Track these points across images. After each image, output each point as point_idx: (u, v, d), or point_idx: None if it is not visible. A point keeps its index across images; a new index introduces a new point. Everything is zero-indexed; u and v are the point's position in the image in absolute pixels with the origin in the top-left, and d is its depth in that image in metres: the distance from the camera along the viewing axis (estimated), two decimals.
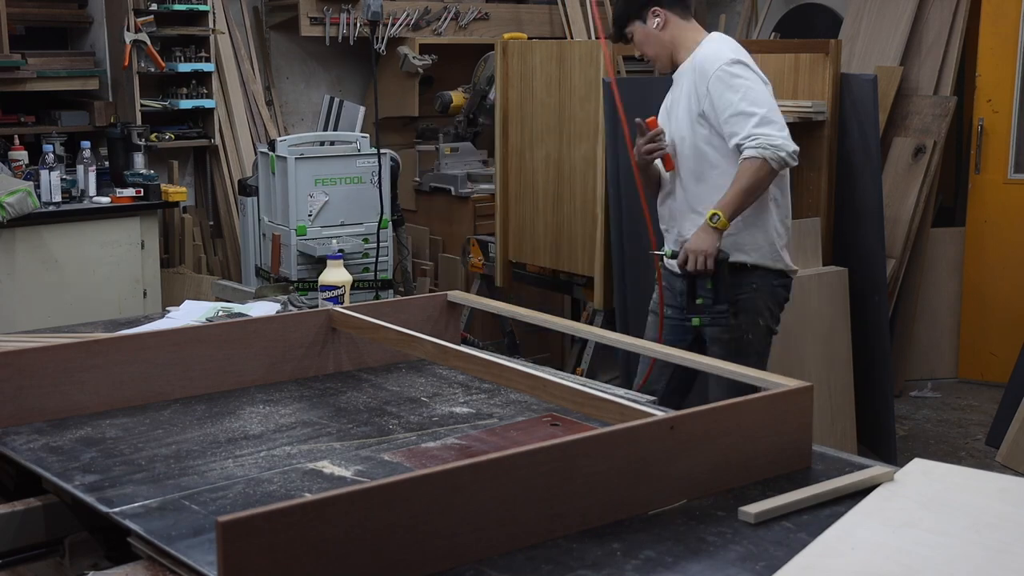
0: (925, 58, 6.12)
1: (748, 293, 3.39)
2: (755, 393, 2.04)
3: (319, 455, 2.13)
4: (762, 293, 3.42)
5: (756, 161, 3.19)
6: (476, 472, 1.68)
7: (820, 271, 4.90)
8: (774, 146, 3.20)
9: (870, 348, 4.99)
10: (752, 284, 3.39)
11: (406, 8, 6.31)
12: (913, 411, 5.72)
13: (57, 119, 5.46)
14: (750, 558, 1.70)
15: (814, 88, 4.95)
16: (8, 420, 2.27)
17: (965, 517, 1.77)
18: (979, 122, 5.98)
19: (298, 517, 1.52)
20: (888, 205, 5.61)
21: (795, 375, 2.51)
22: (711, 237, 3.21)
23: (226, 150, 5.90)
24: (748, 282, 3.39)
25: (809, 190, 5.04)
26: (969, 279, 6.09)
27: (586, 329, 2.79)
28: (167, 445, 2.19)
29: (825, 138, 4.92)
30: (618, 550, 1.72)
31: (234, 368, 2.55)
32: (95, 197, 5.01)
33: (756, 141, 3.19)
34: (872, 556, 1.65)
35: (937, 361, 6.21)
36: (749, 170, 3.21)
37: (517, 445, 1.87)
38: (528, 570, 1.66)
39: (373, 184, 4.72)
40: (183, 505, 1.88)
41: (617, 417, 2.00)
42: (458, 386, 2.60)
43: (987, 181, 5.99)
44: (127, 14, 5.39)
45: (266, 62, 6.28)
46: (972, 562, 1.63)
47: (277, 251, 4.77)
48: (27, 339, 2.69)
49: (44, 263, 4.83)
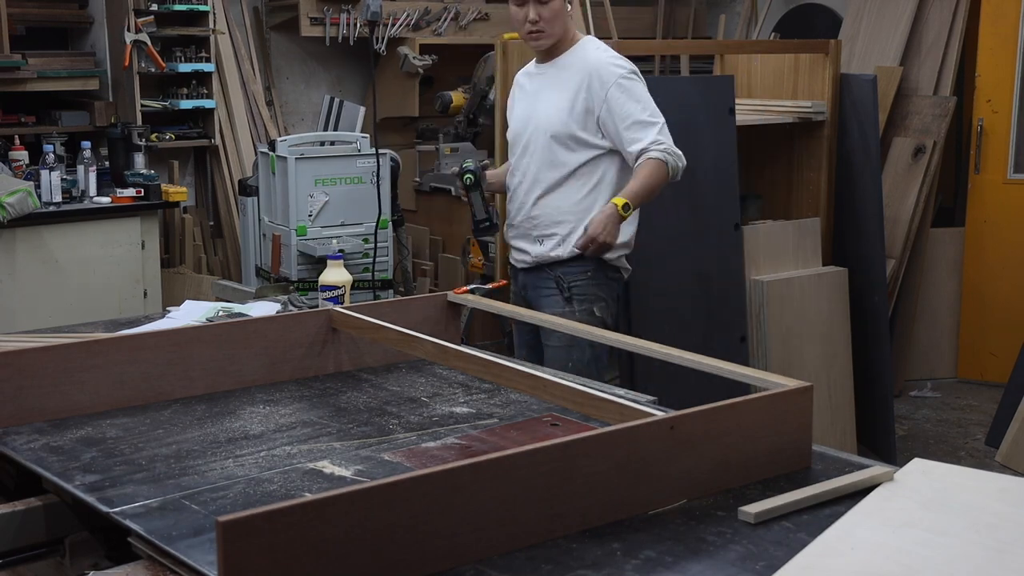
0: (925, 58, 6.13)
1: (583, 280, 3.47)
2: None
3: (319, 455, 2.13)
4: (597, 281, 3.50)
5: (661, 164, 3.35)
6: (476, 472, 1.69)
7: (820, 271, 4.90)
8: (676, 154, 3.40)
9: (870, 348, 4.99)
10: (587, 272, 3.48)
11: (406, 8, 6.32)
12: (913, 411, 5.72)
13: (57, 119, 5.46)
14: (750, 558, 1.70)
15: (814, 88, 4.95)
16: (8, 420, 2.27)
17: (965, 517, 1.78)
18: (979, 122, 5.98)
19: (298, 517, 1.52)
20: (888, 205, 5.62)
21: (795, 375, 2.52)
22: (615, 223, 3.34)
23: (226, 150, 5.90)
24: (583, 269, 3.47)
25: (809, 190, 5.04)
26: (969, 279, 6.10)
27: (585, 329, 2.79)
28: (167, 445, 2.19)
29: (825, 138, 4.93)
30: (618, 550, 1.73)
31: (234, 368, 2.55)
32: (95, 197, 5.02)
33: (662, 147, 3.36)
34: (872, 556, 1.65)
35: (937, 361, 6.21)
36: (656, 169, 3.35)
37: (517, 445, 1.87)
38: (528, 570, 1.66)
39: (373, 184, 4.72)
40: (183, 505, 1.89)
41: (617, 417, 2.00)
42: (458, 386, 2.60)
43: (987, 181, 6.00)
44: (127, 14, 5.40)
45: (266, 62, 6.28)
46: (972, 562, 1.63)
47: (277, 251, 4.77)
48: (27, 339, 2.69)
49: (44, 263, 4.83)
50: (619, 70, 3.42)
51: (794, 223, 4.91)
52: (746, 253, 4.69)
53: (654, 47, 6.86)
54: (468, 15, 6.50)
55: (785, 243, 4.83)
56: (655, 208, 4.44)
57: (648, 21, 7.28)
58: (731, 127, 4.57)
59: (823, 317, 4.86)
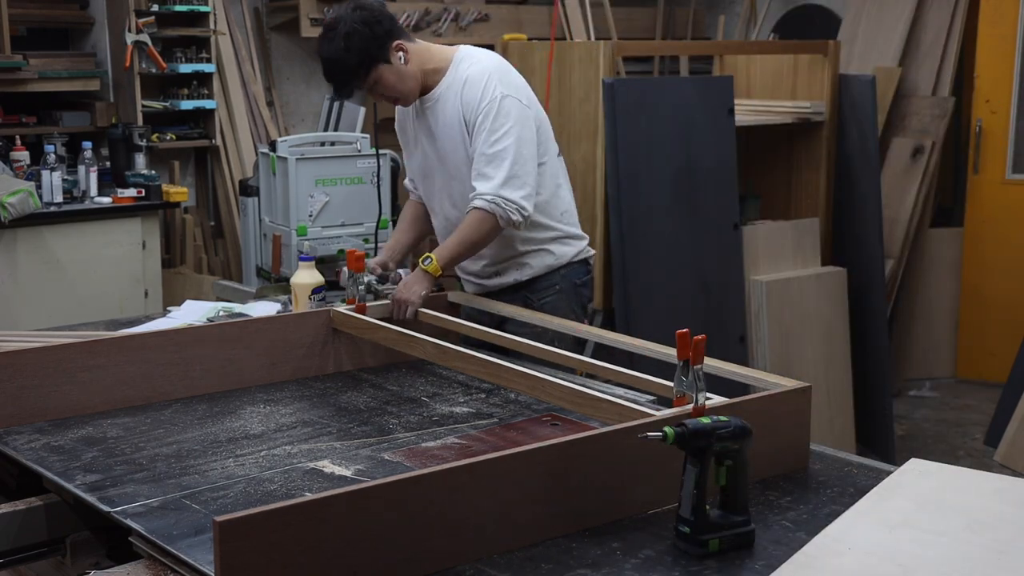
0: (923, 59, 6.13)
1: (551, 296, 3.12)
2: None
3: (319, 454, 2.14)
4: (565, 294, 3.14)
5: (488, 216, 2.91)
6: (476, 472, 1.69)
7: (819, 271, 4.91)
8: (506, 206, 2.91)
9: (869, 348, 5.00)
10: (555, 286, 3.13)
11: (406, 9, 6.32)
12: (911, 410, 5.73)
13: (59, 120, 5.46)
14: (749, 557, 1.71)
15: (813, 89, 4.96)
16: (9, 420, 2.28)
17: (961, 517, 1.78)
18: (977, 123, 5.99)
19: (296, 517, 1.53)
20: (887, 205, 5.62)
21: (794, 375, 2.53)
22: (421, 284, 2.91)
23: (227, 150, 5.90)
24: (551, 285, 3.13)
25: (808, 190, 5.05)
26: (967, 279, 6.10)
27: (586, 329, 2.80)
28: (168, 444, 2.20)
29: (824, 139, 4.94)
30: (617, 549, 1.73)
31: (235, 368, 2.56)
32: (96, 197, 5.02)
33: (490, 199, 2.90)
34: (869, 555, 1.66)
35: (935, 361, 6.21)
36: (479, 224, 2.92)
37: (516, 445, 1.88)
38: (528, 570, 1.67)
39: (373, 184, 4.72)
40: (184, 504, 1.89)
41: (616, 417, 2.00)
42: (458, 386, 2.61)
43: (985, 181, 6.00)
44: (128, 15, 5.40)
45: (267, 63, 6.28)
46: (968, 562, 1.64)
47: (278, 251, 4.78)
48: (28, 339, 2.69)
49: (46, 263, 4.83)
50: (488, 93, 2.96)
51: (793, 223, 4.92)
52: (745, 253, 4.69)
53: (654, 47, 6.87)
54: (468, 16, 6.51)
55: (784, 243, 4.84)
56: (655, 208, 4.47)
57: (648, 22, 7.29)
58: (730, 128, 4.58)
59: (822, 317, 4.87)
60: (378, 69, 2.92)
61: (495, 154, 2.90)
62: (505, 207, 2.89)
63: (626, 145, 4.32)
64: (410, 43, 2.98)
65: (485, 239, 2.96)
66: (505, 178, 2.89)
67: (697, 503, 1.71)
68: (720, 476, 1.75)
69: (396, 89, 2.97)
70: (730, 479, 1.75)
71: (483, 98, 2.92)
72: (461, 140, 2.98)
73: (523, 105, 2.97)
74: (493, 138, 2.91)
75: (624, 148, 4.32)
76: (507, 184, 2.89)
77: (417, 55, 2.98)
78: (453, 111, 2.97)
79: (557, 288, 3.13)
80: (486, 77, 2.95)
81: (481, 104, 2.92)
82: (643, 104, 4.40)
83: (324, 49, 2.92)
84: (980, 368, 6.08)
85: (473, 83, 2.94)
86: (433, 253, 2.94)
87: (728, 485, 1.76)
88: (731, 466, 1.75)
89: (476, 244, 2.97)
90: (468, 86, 2.95)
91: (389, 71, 2.93)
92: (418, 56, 2.99)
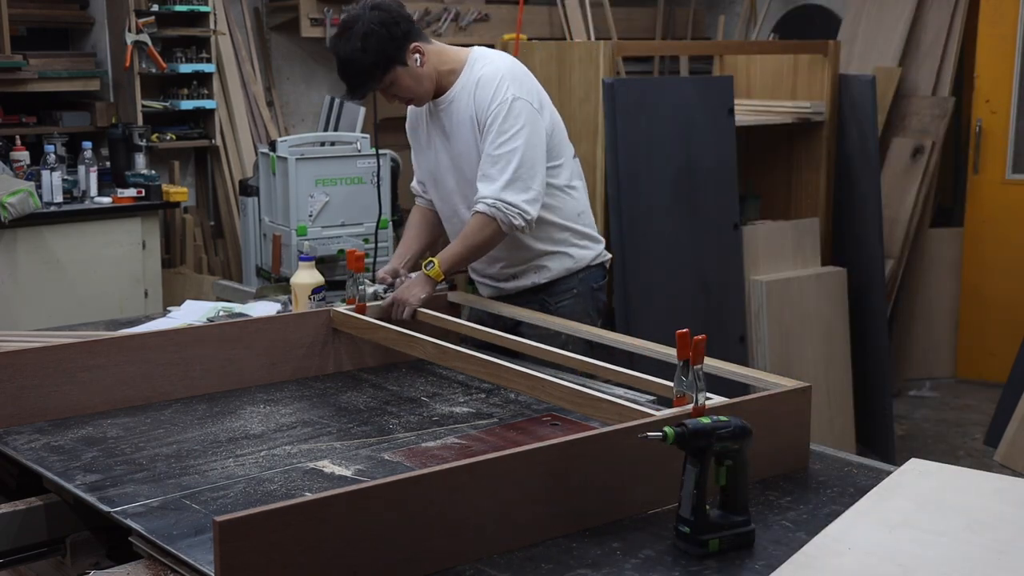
0: (923, 59, 6.13)
1: (568, 299, 3.10)
2: None
3: (320, 454, 2.14)
4: (582, 298, 3.12)
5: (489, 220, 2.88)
6: (476, 472, 1.69)
7: (819, 271, 4.91)
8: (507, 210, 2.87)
9: (869, 348, 5.00)
10: (573, 290, 3.10)
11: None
12: (911, 410, 5.73)
13: (58, 120, 5.46)
14: (749, 557, 1.71)
15: (813, 89, 4.96)
16: (9, 420, 2.28)
17: (961, 517, 1.78)
18: (977, 123, 5.99)
19: (296, 517, 1.53)
20: (887, 205, 5.62)
21: (794, 375, 2.53)
22: (422, 287, 2.87)
23: (227, 150, 5.90)
24: (568, 288, 3.10)
25: (808, 190, 5.05)
26: (967, 279, 6.10)
27: (586, 329, 2.80)
28: (168, 444, 2.20)
29: (824, 139, 4.94)
30: (617, 549, 1.74)
31: (235, 368, 2.56)
32: (96, 197, 5.02)
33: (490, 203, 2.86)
34: (869, 555, 1.66)
35: (935, 361, 6.22)
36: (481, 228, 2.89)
37: (517, 445, 1.88)
38: (528, 570, 1.67)
39: (373, 184, 4.73)
40: (184, 504, 1.89)
41: (616, 417, 2.01)
42: (458, 386, 2.61)
43: (985, 181, 6.01)
44: (128, 15, 5.40)
45: (267, 63, 6.28)
46: (968, 562, 1.64)
47: (278, 251, 4.78)
48: (28, 339, 2.70)
49: (46, 263, 4.83)
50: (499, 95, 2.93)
51: (793, 223, 4.92)
52: (745, 253, 4.70)
53: (654, 47, 6.87)
54: (468, 16, 6.51)
55: (784, 243, 4.84)
56: (655, 208, 4.47)
57: (648, 22, 7.29)
58: (730, 128, 4.58)
59: (822, 317, 4.87)
60: (395, 71, 2.88)
61: (501, 156, 2.87)
62: (506, 211, 2.85)
63: (626, 145, 4.32)
64: (426, 44, 2.94)
65: (488, 243, 2.93)
66: (508, 181, 2.85)
67: (697, 503, 1.72)
68: (720, 476, 1.75)
69: (411, 91, 2.94)
70: (730, 479, 1.76)
71: (494, 99, 2.89)
72: (474, 141, 2.95)
73: (534, 108, 2.94)
74: (501, 140, 2.87)
75: (624, 148, 4.32)
76: (509, 187, 2.85)
77: (433, 56, 2.94)
78: (466, 112, 2.95)
79: (575, 292, 3.10)
80: (499, 78, 2.91)
81: (492, 105, 2.89)
82: (643, 104, 4.40)
83: (340, 49, 2.88)
84: (980, 368, 6.08)
85: (485, 84, 2.92)
86: (436, 257, 2.91)
87: (728, 485, 1.77)
88: (731, 466, 1.75)
89: (479, 248, 2.94)
90: (481, 87, 2.92)
91: (405, 73, 2.89)
92: (434, 57, 2.94)
